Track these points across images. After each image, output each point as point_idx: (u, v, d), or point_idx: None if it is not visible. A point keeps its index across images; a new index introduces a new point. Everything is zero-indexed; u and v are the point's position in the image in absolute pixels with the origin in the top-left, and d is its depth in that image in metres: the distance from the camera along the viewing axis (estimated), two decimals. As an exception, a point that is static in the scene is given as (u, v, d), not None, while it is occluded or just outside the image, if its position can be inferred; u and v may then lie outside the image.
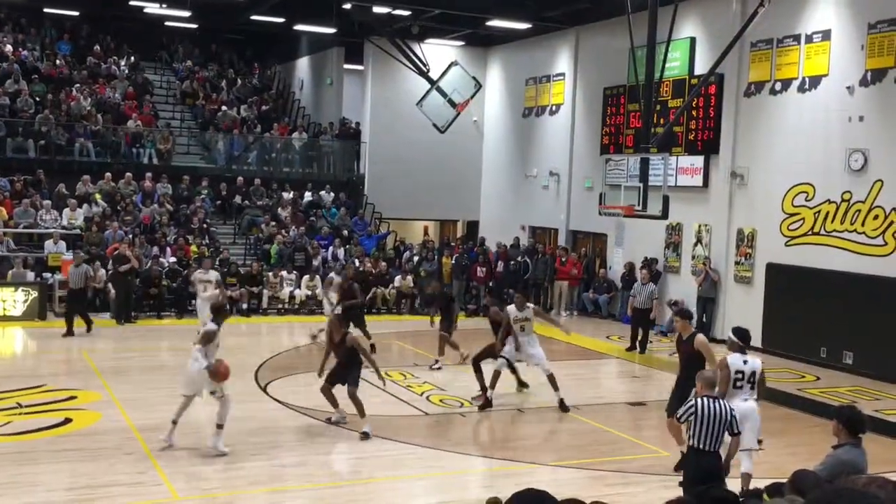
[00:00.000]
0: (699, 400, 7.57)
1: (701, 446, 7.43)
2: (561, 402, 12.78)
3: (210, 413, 10.35)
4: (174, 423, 10.21)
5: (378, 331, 17.99)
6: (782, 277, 17.83)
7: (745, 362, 9.15)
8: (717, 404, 7.55)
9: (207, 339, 10.16)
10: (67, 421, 11.29)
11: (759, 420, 9.11)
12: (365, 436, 10.91)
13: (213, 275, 17.29)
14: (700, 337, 10.55)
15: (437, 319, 15.84)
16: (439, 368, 15.23)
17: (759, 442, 9.21)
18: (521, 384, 13.81)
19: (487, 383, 12.90)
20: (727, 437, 7.70)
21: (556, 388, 12.79)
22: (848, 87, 16.65)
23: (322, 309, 19.78)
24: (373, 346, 15.21)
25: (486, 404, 12.78)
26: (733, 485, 7.66)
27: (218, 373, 10.04)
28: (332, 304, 16.68)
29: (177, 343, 16.03)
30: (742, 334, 9.46)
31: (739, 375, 9.08)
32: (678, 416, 7.74)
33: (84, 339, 17.33)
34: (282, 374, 14.55)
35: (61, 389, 12.87)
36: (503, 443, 11.47)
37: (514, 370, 13.56)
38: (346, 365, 11.20)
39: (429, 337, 15.70)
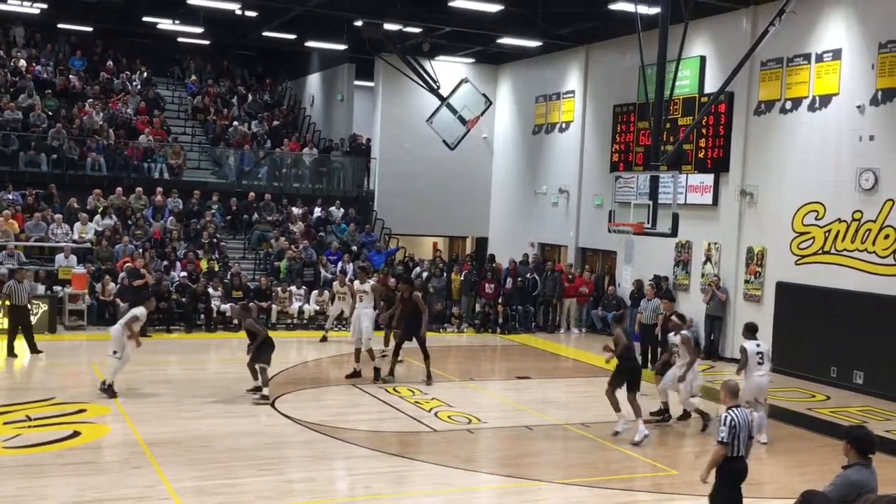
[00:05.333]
0: (732, 412, 7.69)
1: (735, 454, 7.62)
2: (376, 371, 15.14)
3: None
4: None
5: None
6: (792, 296, 17.77)
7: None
8: (743, 413, 7.79)
9: None
10: (76, 434, 11.31)
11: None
12: (638, 444, 11.80)
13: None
14: (674, 318, 13.64)
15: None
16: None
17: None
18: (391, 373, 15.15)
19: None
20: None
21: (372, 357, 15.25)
22: (858, 107, 16.64)
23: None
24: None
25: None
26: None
27: None
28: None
29: (185, 357, 16.04)
30: (752, 326, 12.63)
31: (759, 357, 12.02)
32: (723, 438, 7.64)
33: (95, 352, 17.38)
34: (290, 388, 14.55)
35: (70, 402, 12.90)
36: (512, 460, 11.42)
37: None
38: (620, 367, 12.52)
39: (437, 352, 15.68)
